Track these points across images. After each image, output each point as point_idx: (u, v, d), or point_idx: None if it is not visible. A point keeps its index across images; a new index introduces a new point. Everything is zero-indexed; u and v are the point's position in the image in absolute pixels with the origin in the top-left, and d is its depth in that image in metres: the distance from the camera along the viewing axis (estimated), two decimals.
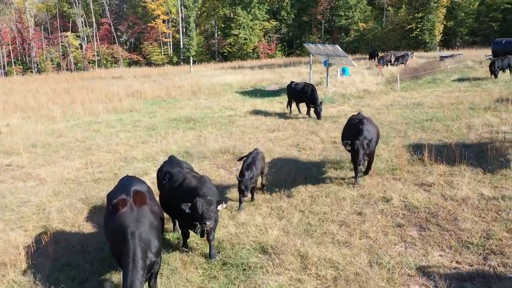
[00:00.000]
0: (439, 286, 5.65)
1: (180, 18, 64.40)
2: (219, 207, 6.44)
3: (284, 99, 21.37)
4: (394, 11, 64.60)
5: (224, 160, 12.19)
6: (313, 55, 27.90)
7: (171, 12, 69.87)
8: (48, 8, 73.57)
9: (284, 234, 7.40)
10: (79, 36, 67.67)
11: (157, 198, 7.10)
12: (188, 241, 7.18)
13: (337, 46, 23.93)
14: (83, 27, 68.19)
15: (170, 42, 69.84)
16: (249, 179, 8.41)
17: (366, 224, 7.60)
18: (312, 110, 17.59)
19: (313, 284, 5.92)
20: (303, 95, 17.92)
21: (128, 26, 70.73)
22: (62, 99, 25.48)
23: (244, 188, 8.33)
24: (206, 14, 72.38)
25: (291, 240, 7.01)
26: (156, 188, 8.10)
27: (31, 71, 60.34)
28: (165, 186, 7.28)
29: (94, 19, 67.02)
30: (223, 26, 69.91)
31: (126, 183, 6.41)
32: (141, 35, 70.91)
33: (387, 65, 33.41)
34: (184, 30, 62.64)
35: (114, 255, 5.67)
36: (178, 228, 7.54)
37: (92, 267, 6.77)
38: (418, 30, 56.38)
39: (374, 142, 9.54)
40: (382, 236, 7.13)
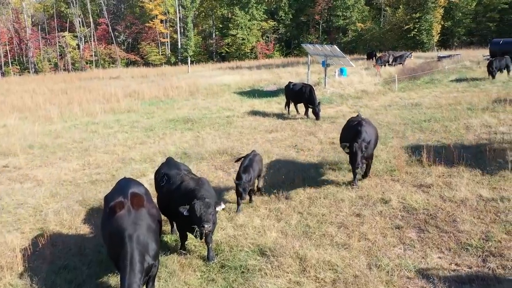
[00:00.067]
0: None
1: (178, 18, 64.31)
2: (218, 208, 6.41)
3: (282, 99, 21.35)
4: (392, 11, 64.63)
5: (222, 161, 12.16)
6: (311, 56, 27.89)
7: (169, 12, 69.76)
8: (45, 8, 73.29)
9: (282, 236, 7.37)
10: (76, 36, 67.47)
11: (154, 200, 7.07)
12: (186, 243, 7.15)
13: (335, 46, 23.94)
14: (80, 27, 67.97)
15: (168, 42, 69.71)
16: (246, 181, 8.36)
17: (365, 226, 7.58)
18: (310, 111, 17.58)
19: (312, 287, 5.89)
20: (301, 95, 17.91)
21: (125, 26, 70.55)
22: (60, 99, 25.39)
23: (242, 190, 8.29)
24: (204, 14, 72.28)
25: (289, 242, 6.99)
26: (153, 190, 8.07)
27: (28, 72, 60.14)
28: (162, 188, 7.25)
29: (91, 19, 66.79)
30: (221, 26, 69.82)
31: (124, 185, 6.37)
32: (138, 35, 70.71)
33: (385, 65, 33.41)
34: (182, 30, 62.48)
35: (112, 258, 5.64)
36: (176, 230, 7.50)
37: (89, 269, 6.74)
38: (416, 30, 56.41)
39: (373, 144, 9.52)
40: (381, 238, 7.11)
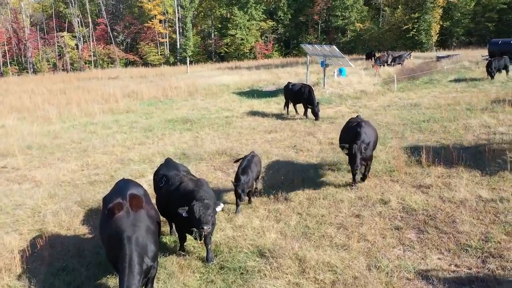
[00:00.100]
0: None
1: (176, 18, 64.27)
2: (217, 209, 6.39)
3: (281, 99, 21.33)
4: (391, 11, 64.63)
5: (221, 162, 12.13)
6: (310, 56, 27.88)
7: (167, 12, 69.68)
8: (44, 8, 73.16)
9: (281, 237, 7.35)
10: (75, 36, 67.31)
11: (153, 201, 7.05)
12: (185, 244, 7.13)
13: (334, 46, 23.92)
14: (79, 27, 67.88)
15: (166, 42, 69.64)
16: (245, 183, 8.34)
17: (364, 226, 7.56)
18: (309, 111, 17.58)
19: None
20: (300, 96, 17.89)
21: (124, 26, 70.45)
22: (58, 99, 25.33)
23: (241, 192, 8.27)
24: (202, 14, 72.20)
25: (289, 244, 6.97)
26: (152, 190, 8.04)
27: (27, 72, 60.00)
28: (161, 189, 7.23)
29: (90, 19, 66.70)
30: (219, 26, 69.79)
31: (122, 187, 6.35)
32: (137, 35, 70.58)
33: (383, 65, 33.43)
34: (181, 30, 62.44)
35: (110, 260, 5.61)
36: (175, 231, 7.49)
37: (88, 271, 6.71)
38: (415, 30, 56.43)
39: (372, 145, 9.47)
40: (380, 239, 7.09)
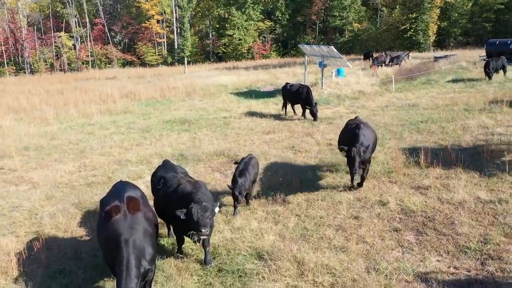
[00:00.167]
0: None
1: (174, 19, 64.24)
2: (215, 210, 6.35)
3: (279, 100, 21.30)
4: (388, 11, 64.80)
5: (219, 163, 12.09)
6: (308, 56, 27.87)
7: (165, 13, 69.60)
8: (41, 8, 72.93)
9: (280, 239, 7.32)
10: (72, 37, 67.16)
11: (151, 203, 7.01)
12: (183, 246, 7.09)
13: (332, 47, 23.91)
14: (76, 27, 67.70)
15: (164, 42, 69.57)
16: (242, 185, 8.26)
17: (363, 228, 7.54)
18: (307, 112, 17.56)
19: None
20: (298, 96, 17.87)
21: (122, 27, 70.31)
22: (55, 100, 25.23)
23: (238, 194, 8.22)
24: (200, 14, 72.18)
25: (287, 246, 6.94)
26: (150, 192, 8.00)
27: (24, 72, 59.77)
28: (159, 191, 7.18)
29: (87, 19, 66.56)
30: (217, 26, 69.78)
31: (120, 189, 6.30)
32: (135, 36, 70.51)
33: (381, 65, 33.46)
34: (179, 31, 62.48)
35: (108, 263, 5.57)
36: (173, 233, 7.44)
37: (85, 274, 6.66)
38: (412, 30, 56.55)
39: (371, 148, 9.39)
40: (379, 241, 7.07)
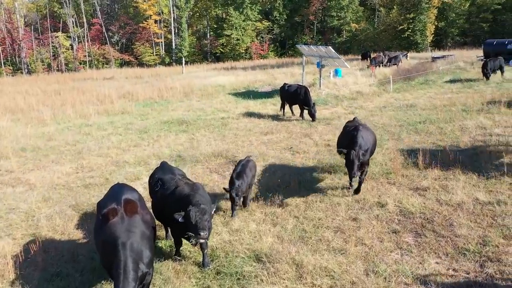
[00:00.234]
0: None
1: (172, 19, 64.00)
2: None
3: (277, 100, 21.28)
4: (386, 11, 64.81)
5: (217, 164, 12.05)
6: (306, 56, 27.85)
7: (163, 13, 69.43)
8: (38, 8, 72.66)
9: (278, 241, 7.29)
10: (70, 37, 66.89)
11: (149, 205, 6.96)
12: (181, 249, 7.05)
13: (329, 47, 23.92)
14: (74, 28, 67.42)
15: (162, 42, 69.38)
16: (239, 187, 8.22)
17: (362, 230, 7.51)
18: (306, 112, 17.54)
19: None
20: (296, 97, 17.86)
21: (119, 27, 70.11)
22: (53, 100, 25.12)
23: (235, 196, 8.18)
24: (198, 14, 72.05)
25: (285, 248, 6.91)
26: (147, 194, 7.95)
27: (21, 72, 59.51)
28: (157, 193, 7.14)
29: (85, 19, 66.32)
30: (215, 26, 69.66)
31: (117, 191, 6.25)
32: (132, 36, 70.28)
33: (379, 66, 33.48)
34: (176, 31, 62.17)
35: (105, 266, 5.53)
36: (171, 236, 7.39)
37: (82, 277, 6.62)
38: (410, 30, 56.53)
39: (370, 151, 9.33)
40: (378, 243, 7.05)
